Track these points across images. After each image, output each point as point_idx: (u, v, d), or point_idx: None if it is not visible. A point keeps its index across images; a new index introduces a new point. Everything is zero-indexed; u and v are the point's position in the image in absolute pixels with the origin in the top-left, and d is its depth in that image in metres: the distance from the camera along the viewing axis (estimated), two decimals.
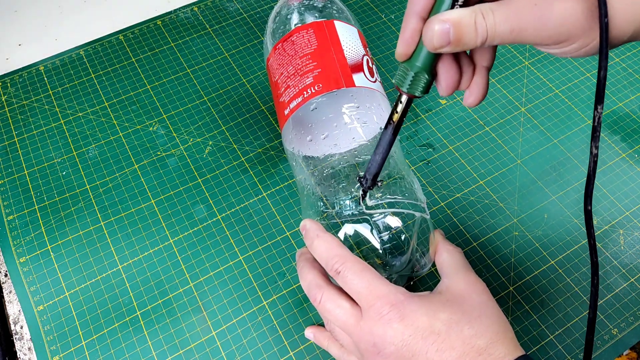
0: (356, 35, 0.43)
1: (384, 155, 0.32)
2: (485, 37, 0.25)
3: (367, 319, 0.30)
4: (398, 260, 0.36)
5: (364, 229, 0.35)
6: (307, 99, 0.39)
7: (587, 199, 0.29)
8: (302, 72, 0.40)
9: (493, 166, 0.48)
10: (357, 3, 0.61)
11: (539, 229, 0.45)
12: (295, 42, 0.41)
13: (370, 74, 0.41)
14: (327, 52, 0.40)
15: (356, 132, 0.38)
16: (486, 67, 0.30)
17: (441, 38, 0.26)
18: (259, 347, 0.39)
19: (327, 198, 0.37)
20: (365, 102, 0.39)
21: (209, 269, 0.43)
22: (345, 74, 0.39)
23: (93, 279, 0.42)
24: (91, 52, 0.56)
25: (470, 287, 0.32)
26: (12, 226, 0.45)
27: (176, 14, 0.59)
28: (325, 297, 0.32)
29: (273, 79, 0.43)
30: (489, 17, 0.25)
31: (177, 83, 0.53)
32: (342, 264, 0.32)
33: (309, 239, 0.34)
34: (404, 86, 0.29)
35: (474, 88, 0.30)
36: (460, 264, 0.34)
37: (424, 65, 0.28)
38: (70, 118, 0.51)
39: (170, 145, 0.49)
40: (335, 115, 0.39)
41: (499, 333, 0.30)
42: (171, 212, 0.45)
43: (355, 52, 0.41)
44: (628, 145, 0.50)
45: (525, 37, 0.25)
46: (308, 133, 0.39)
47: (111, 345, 0.39)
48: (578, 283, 0.42)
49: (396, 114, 0.31)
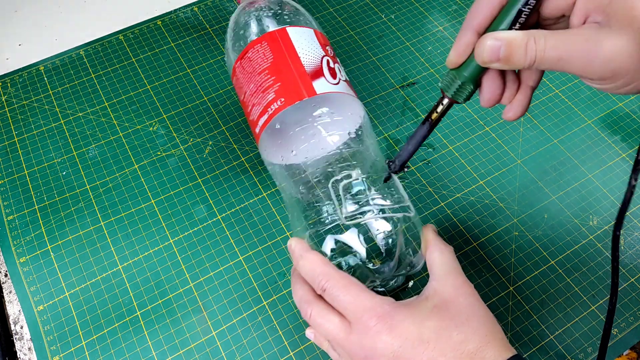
0: (312, 37, 0.41)
1: (416, 147, 0.34)
2: (533, 60, 0.26)
3: (356, 333, 0.31)
4: (387, 266, 0.35)
5: (349, 237, 0.35)
6: (272, 115, 0.38)
7: (618, 224, 0.31)
8: (263, 89, 0.39)
9: (493, 166, 0.48)
10: (357, 3, 0.61)
11: (539, 229, 0.45)
12: (251, 58, 0.40)
13: (332, 75, 0.40)
14: (283, 64, 0.39)
15: (325, 142, 0.37)
16: (532, 87, 0.31)
17: (492, 54, 0.27)
18: (259, 347, 0.39)
19: (310, 208, 0.37)
20: (330, 106, 0.39)
21: (209, 269, 0.43)
22: (305, 83, 0.38)
23: (93, 279, 0.42)
24: (91, 52, 0.56)
25: (457, 290, 0.32)
26: (12, 226, 0.45)
27: (176, 14, 0.59)
28: (315, 312, 0.33)
29: (240, 97, 0.42)
30: (540, 42, 0.26)
31: (177, 83, 0.53)
32: (327, 282, 0.32)
33: (295, 259, 0.34)
34: (449, 92, 0.31)
35: (515, 104, 0.31)
36: (449, 265, 0.34)
37: (471, 76, 0.30)
38: (70, 118, 0.51)
39: (170, 145, 0.49)
40: (302, 127, 0.38)
41: (488, 335, 0.30)
42: (171, 212, 0.45)
43: (313, 56, 0.40)
44: (628, 145, 0.50)
45: (571, 68, 0.26)
46: (279, 150, 0.39)
47: (111, 345, 0.39)
48: (578, 283, 0.42)
49: (435, 114, 0.32)
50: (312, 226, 0.36)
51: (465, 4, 0.60)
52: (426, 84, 0.54)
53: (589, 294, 0.42)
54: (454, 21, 0.59)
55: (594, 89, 0.54)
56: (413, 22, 0.59)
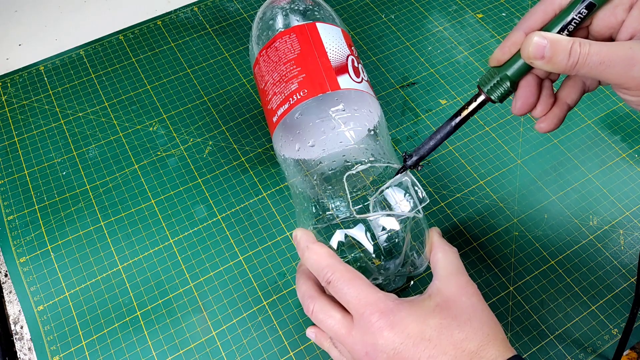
0: (340, 35, 0.42)
1: (438, 143, 0.34)
2: (576, 62, 0.28)
3: (358, 328, 0.31)
4: (392, 263, 0.35)
5: (357, 233, 0.35)
6: (294, 105, 0.38)
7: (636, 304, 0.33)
8: (287, 79, 0.40)
9: (493, 166, 0.48)
10: (357, 3, 0.61)
11: (539, 229, 0.45)
12: (278, 48, 0.41)
13: (356, 74, 0.40)
14: (310, 56, 0.40)
15: (343, 136, 0.38)
16: (569, 105, 0.33)
17: (537, 50, 0.28)
18: (259, 347, 0.39)
19: (320, 202, 0.37)
20: (351, 103, 0.39)
21: (209, 269, 0.43)
22: (329, 77, 0.39)
23: (93, 279, 0.42)
24: (91, 52, 0.56)
25: (460, 290, 0.32)
26: (12, 226, 0.45)
27: (176, 14, 0.59)
28: (317, 308, 0.33)
29: (260, 86, 0.43)
30: (584, 46, 0.27)
31: (177, 83, 0.53)
32: (332, 274, 0.32)
33: (300, 250, 0.34)
34: (485, 87, 0.32)
35: (550, 117, 0.33)
36: (453, 265, 0.34)
37: (512, 75, 0.31)
38: (70, 118, 0.51)
39: (170, 145, 0.49)
40: (322, 120, 0.38)
41: (489, 335, 0.30)
42: (171, 212, 0.45)
43: (340, 53, 0.40)
44: (628, 145, 0.50)
45: (611, 73, 0.27)
46: (296, 140, 0.39)
47: (111, 345, 0.39)
48: (578, 283, 0.42)
49: (466, 110, 0.33)
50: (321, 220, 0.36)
51: (465, 4, 0.61)
52: (426, 84, 0.54)
53: (589, 294, 0.42)
54: (454, 21, 0.59)
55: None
56: (413, 22, 0.59)
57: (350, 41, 0.43)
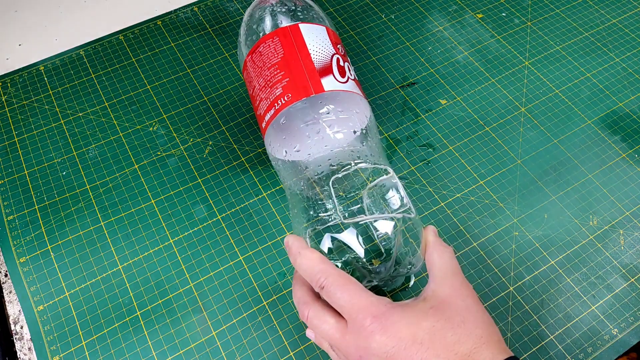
0: (324, 34, 0.42)
1: None
2: None
3: (351, 332, 0.31)
4: (383, 266, 0.35)
5: (347, 237, 0.35)
6: (279, 110, 0.38)
7: None
8: (271, 84, 0.39)
9: (493, 166, 0.48)
10: (357, 3, 0.61)
11: (539, 229, 0.45)
12: (262, 52, 0.41)
13: (341, 74, 0.40)
14: (293, 60, 0.39)
15: (329, 140, 0.37)
16: None
17: None
18: (259, 347, 0.39)
19: (310, 206, 0.37)
20: (337, 105, 0.39)
21: (209, 269, 0.43)
22: (313, 79, 0.38)
23: (93, 279, 0.42)
24: (91, 52, 0.56)
25: (455, 291, 0.32)
26: (12, 226, 0.45)
27: (176, 14, 0.59)
28: (312, 314, 0.33)
29: (249, 91, 0.43)
30: None
31: (177, 83, 0.54)
32: (325, 279, 0.32)
33: (292, 256, 0.34)
34: None
35: None
36: (448, 266, 0.34)
37: None
38: (70, 118, 0.51)
39: (170, 145, 0.49)
40: (307, 124, 0.38)
41: (483, 337, 0.30)
42: (171, 212, 0.45)
43: (324, 53, 0.40)
44: (628, 145, 0.50)
45: None
46: (283, 145, 0.39)
47: (111, 345, 0.39)
48: (578, 283, 0.42)
49: None
50: (312, 224, 0.36)
51: (465, 4, 0.61)
52: (426, 84, 0.54)
53: (589, 294, 0.42)
54: (454, 21, 0.59)
55: (594, 89, 0.54)
56: (413, 22, 0.59)
57: (337, 38, 0.43)
